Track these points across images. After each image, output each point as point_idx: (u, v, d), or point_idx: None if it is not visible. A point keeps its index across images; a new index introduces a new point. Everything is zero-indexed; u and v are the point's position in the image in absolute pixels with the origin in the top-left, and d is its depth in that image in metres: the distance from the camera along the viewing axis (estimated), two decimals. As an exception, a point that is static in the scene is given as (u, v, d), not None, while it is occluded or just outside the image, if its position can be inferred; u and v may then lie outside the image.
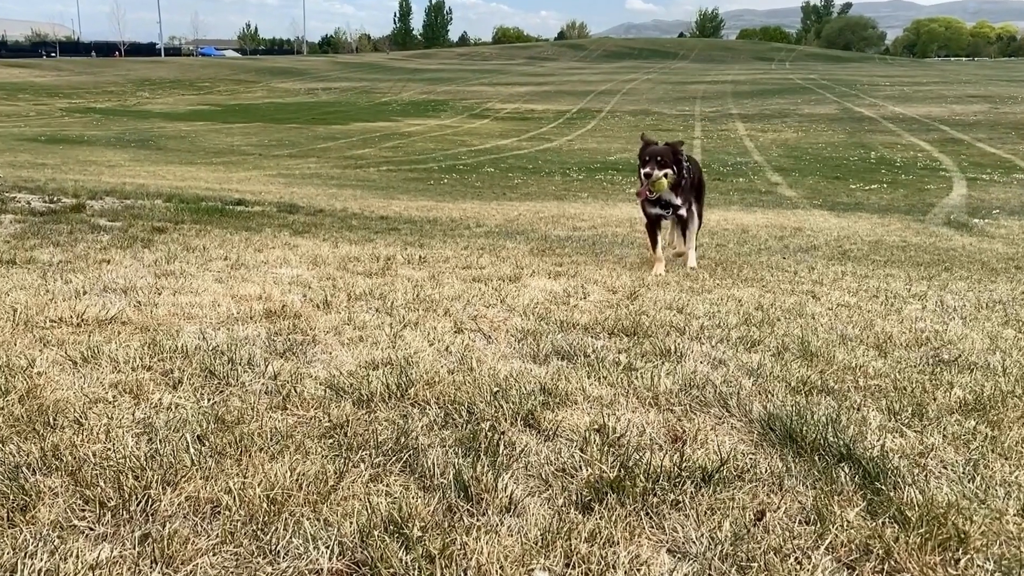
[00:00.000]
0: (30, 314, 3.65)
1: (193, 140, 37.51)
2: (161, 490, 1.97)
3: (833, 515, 2.04)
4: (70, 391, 2.67)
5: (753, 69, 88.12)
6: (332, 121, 47.52)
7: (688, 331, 3.98)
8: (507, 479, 2.11)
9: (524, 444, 2.37)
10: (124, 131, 39.86)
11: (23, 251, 5.58)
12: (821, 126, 42.56)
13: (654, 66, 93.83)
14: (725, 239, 10.32)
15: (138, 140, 36.16)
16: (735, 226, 12.89)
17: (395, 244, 7.38)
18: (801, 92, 58.78)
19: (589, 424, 2.54)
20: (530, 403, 2.68)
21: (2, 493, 1.89)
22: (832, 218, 16.41)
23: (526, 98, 59.76)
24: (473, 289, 4.90)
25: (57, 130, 39.57)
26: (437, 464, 2.18)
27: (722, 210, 17.44)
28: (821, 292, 5.58)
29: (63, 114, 49.53)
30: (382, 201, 15.78)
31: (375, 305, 4.30)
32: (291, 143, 37.35)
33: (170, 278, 4.77)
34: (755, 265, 7.23)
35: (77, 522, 1.82)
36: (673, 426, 2.61)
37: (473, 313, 4.23)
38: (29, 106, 53.98)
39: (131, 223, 7.68)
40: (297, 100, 62.90)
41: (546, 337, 3.75)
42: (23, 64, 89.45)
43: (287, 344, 3.39)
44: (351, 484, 2.08)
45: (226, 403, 2.66)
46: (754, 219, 15.15)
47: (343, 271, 5.45)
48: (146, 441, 2.28)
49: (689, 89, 63.93)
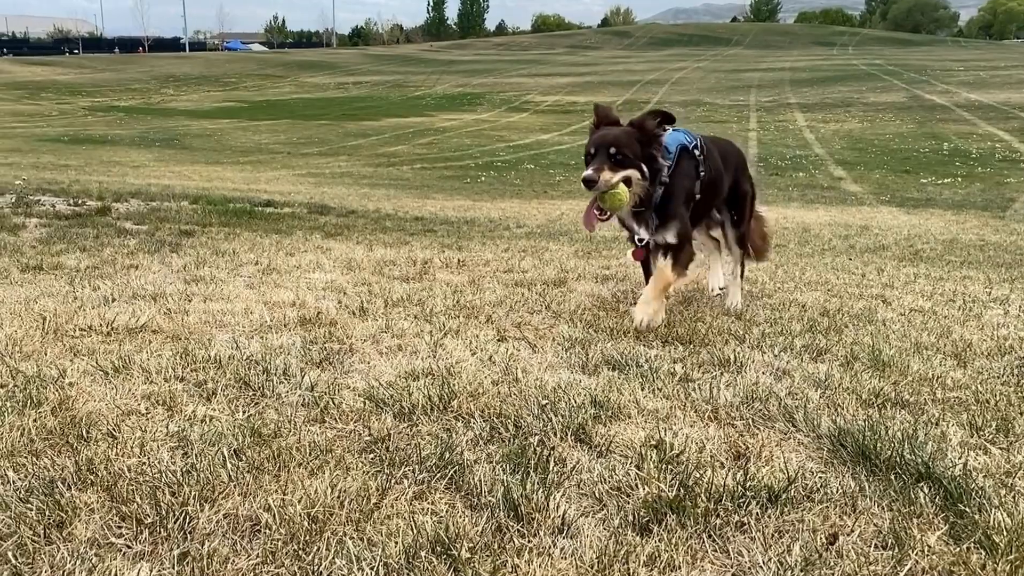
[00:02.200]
0: (59, 322, 3.75)
1: (219, 139, 38.22)
2: (199, 507, 2.01)
3: (912, 539, 2.01)
4: (102, 403, 2.75)
5: (813, 55, 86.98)
6: (363, 117, 48.03)
7: (748, 339, 3.95)
8: (559, 498, 2.12)
9: (575, 460, 2.38)
10: (148, 130, 40.77)
11: (50, 256, 5.74)
12: (888, 115, 41.84)
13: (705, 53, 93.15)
14: (785, 239, 10.21)
15: (163, 139, 36.95)
16: (796, 224, 12.75)
17: (432, 247, 7.43)
18: (866, 79, 57.87)
19: (645, 439, 2.53)
20: (581, 417, 2.68)
21: (38, 509, 1.95)
22: (902, 215, 16.14)
23: (568, 90, 59.76)
24: (516, 294, 4.92)
25: (80, 130, 40.62)
26: (484, 481, 2.19)
27: (781, 207, 17.25)
28: (892, 296, 5.49)
29: (86, 113, 50.81)
30: (416, 201, 15.91)
31: (413, 312, 4.34)
32: (320, 141, 37.85)
33: (200, 284, 4.87)
34: (819, 267, 7.14)
35: (114, 539, 1.87)
36: (735, 442, 2.59)
37: (517, 320, 4.24)
38: (52, 105, 55.48)
39: (158, 226, 7.85)
40: (326, 95, 63.72)
41: (595, 346, 3.75)
42: (46, 62, 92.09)
43: (323, 353, 3.44)
44: (394, 501, 2.10)
45: (262, 416, 2.70)
46: (816, 217, 14.96)
47: (378, 276, 5.50)
48: (181, 455, 2.34)
49: (743, 77, 63.34)
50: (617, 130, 4.07)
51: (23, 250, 6.02)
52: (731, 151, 4.87)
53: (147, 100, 60.66)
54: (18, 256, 5.71)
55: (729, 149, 4.87)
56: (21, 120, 45.60)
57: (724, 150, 4.74)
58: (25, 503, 1.99)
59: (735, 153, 4.95)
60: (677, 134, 4.24)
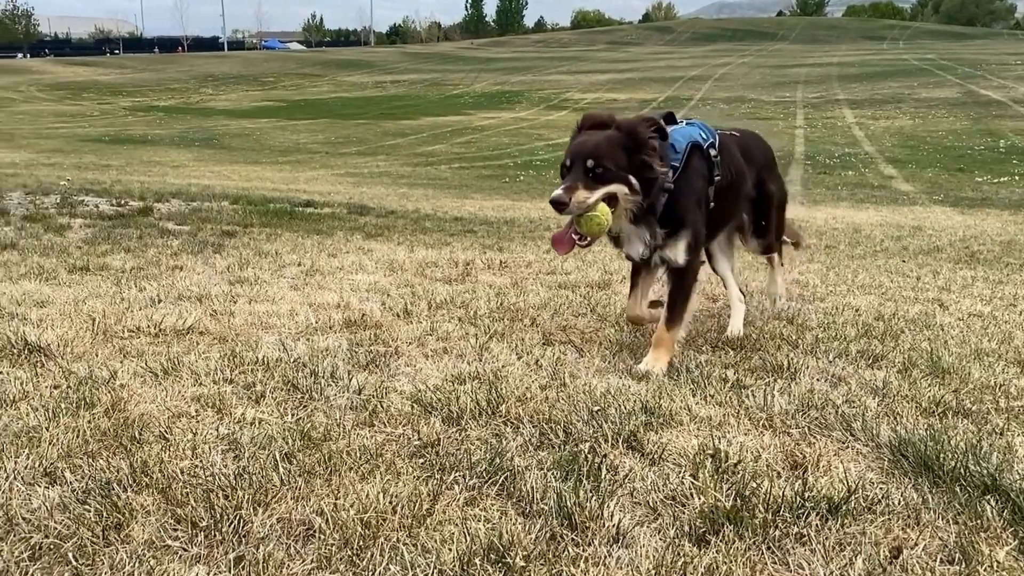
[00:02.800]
0: (108, 323, 3.84)
1: (258, 138, 38.75)
2: (252, 510, 2.05)
3: (980, 554, 1.97)
4: (153, 405, 2.80)
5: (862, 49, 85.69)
6: (401, 116, 48.37)
7: (801, 344, 3.91)
8: (612, 506, 2.12)
9: (628, 468, 2.37)
10: (187, 130, 41.48)
11: (95, 257, 5.87)
12: (941, 112, 41.07)
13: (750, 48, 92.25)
14: (835, 239, 10.07)
15: (202, 139, 37.56)
16: (845, 225, 12.57)
17: (473, 247, 7.46)
18: (917, 74, 56.87)
19: (699, 447, 2.52)
20: (632, 423, 2.67)
21: (96, 510, 2.00)
22: (956, 215, 15.82)
23: (608, 86, 59.57)
24: (560, 297, 4.92)
25: (121, 130, 41.47)
26: (536, 488, 2.20)
27: (830, 207, 17.04)
28: (949, 300, 5.39)
29: (126, 113, 51.85)
30: (455, 201, 15.97)
31: (457, 314, 4.36)
32: (359, 140, 38.19)
33: (244, 285, 4.94)
34: (871, 269, 7.04)
35: (171, 542, 1.91)
36: (791, 451, 2.57)
37: (562, 323, 4.25)
38: (93, 105, 56.71)
39: (200, 227, 7.99)
40: (364, 94, 64.28)
41: (643, 350, 3.73)
42: (87, 62, 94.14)
43: (369, 356, 3.48)
44: (446, 507, 2.12)
45: (311, 419, 2.74)
46: (866, 217, 14.74)
47: (421, 277, 5.54)
48: (232, 458, 2.38)
49: (789, 73, 62.62)
50: (598, 136, 3.38)
51: (69, 251, 6.17)
52: (755, 146, 4.29)
53: (186, 100, 61.72)
54: (65, 257, 5.85)
55: (753, 144, 4.28)
56: (63, 120, 46.69)
57: (746, 145, 4.17)
58: (83, 504, 2.04)
59: (760, 148, 4.34)
60: (689, 129, 3.71)
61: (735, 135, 4.17)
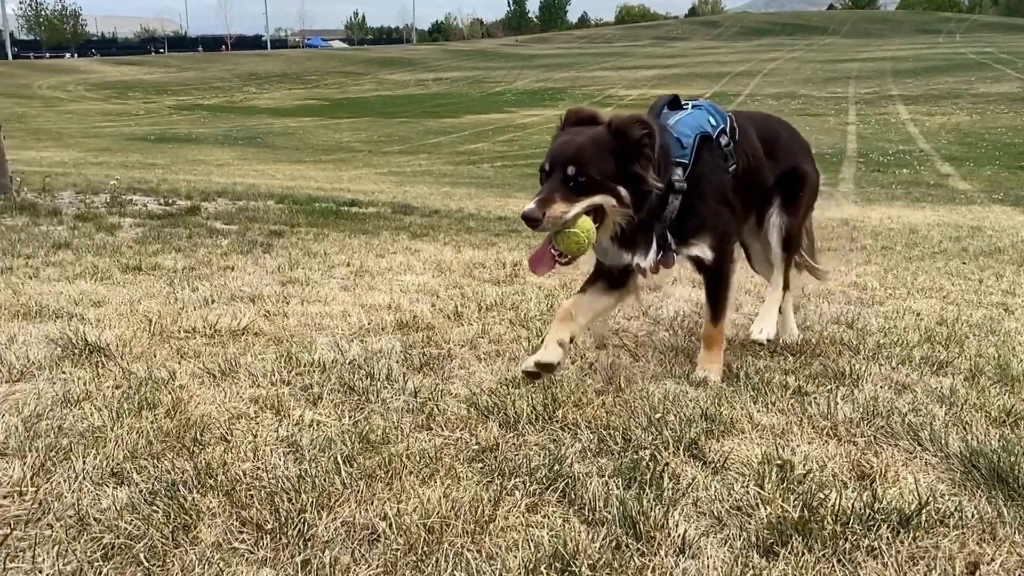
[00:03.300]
0: (164, 324, 3.92)
1: (301, 137, 39.23)
2: (316, 514, 2.08)
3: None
4: (212, 406, 2.86)
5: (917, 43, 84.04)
6: (443, 114, 48.60)
7: (863, 350, 3.85)
8: (677, 516, 2.11)
9: (691, 477, 2.37)
10: (231, 128, 42.13)
11: (147, 257, 6.00)
12: (1000, 107, 40.12)
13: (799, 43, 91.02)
14: (892, 240, 9.91)
15: (245, 138, 38.13)
16: (901, 225, 12.36)
17: (519, 248, 7.47)
18: (975, 68, 55.61)
19: (762, 456, 2.50)
20: (693, 431, 2.66)
21: (164, 512, 2.05)
22: (1017, 215, 15.47)
23: (653, 82, 59.20)
24: (611, 299, 4.91)
25: (166, 128, 42.26)
26: (598, 496, 2.20)
27: (884, 206, 16.77)
28: (1015, 304, 5.27)
29: (171, 112, 52.83)
30: (498, 200, 16.01)
31: (508, 316, 4.38)
32: (401, 139, 38.46)
33: (296, 286, 5.02)
34: (931, 271, 6.91)
35: (237, 544, 1.95)
36: (857, 461, 2.54)
37: (614, 326, 4.24)
38: (139, 104, 57.90)
39: (247, 226, 8.13)
40: (407, 92, 64.71)
41: (696, 355, 3.71)
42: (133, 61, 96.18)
43: (423, 358, 3.51)
44: (508, 513, 2.13)
45: (368, 421, 2.77)
46: (923, 216, 14.48)
47: (469, 278, 5.57)
48: (293, 461, 2.42)
49: (841, 68, 61.66)
50: (582, 138, 3.00)
51: (121, 250, 6.32)
52: (778, 130, 3.91)
53: (230, 98, 62.70)
54: (118, 256, 5.99)
55: (776, 128, 3.92)
56: (110, 119, 47.73)
57: (766, 129, 3.79)
58: (151, 505, 2.09)
59: (785, 133, 3.94)
60: (696, 116, 3.36)
61: (758, 118, 3.87)
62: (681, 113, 3.39)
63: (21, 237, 6.80)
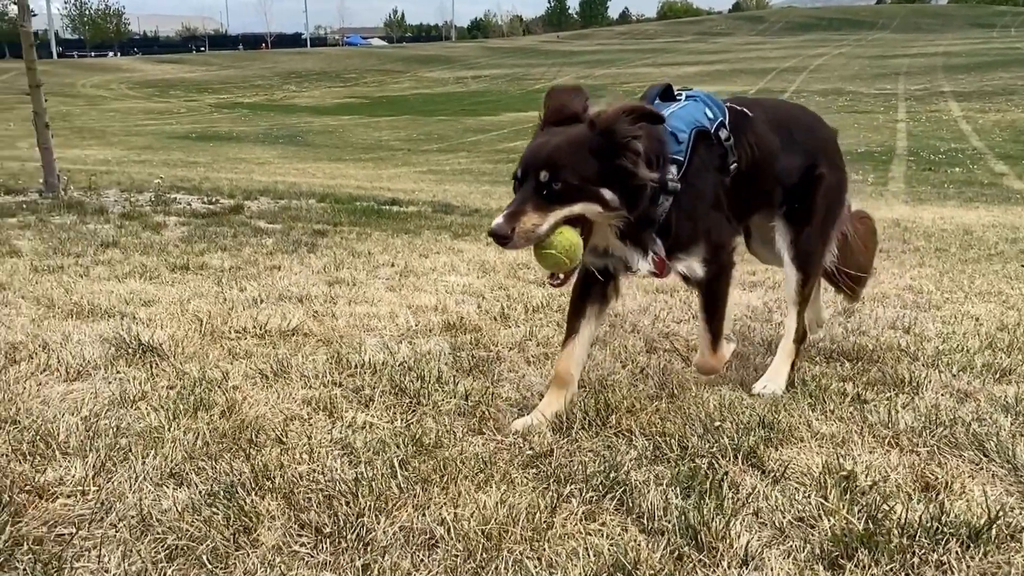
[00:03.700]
0: (215, 324, 3.99)
1: (340, 135, 39.57)
2: (374, 518, 2.10)
3: None
4: (266, 407, 2.90)
5: (969, 38, 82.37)
6: (482, 112, 48.68)
7: (921, 356, 3.79)
8: (739, 526, 2.10)
9: (751, 486, 2.35)
10: (271, 127, 42.62)
11: (194, 256, 6.10)
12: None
13: (847, 38, 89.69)
14: (945, 242, 9.71)
15: (285, 136, 38.55)
16: (955, 226, 12.11)
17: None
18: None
19: (823, 465, 2.47)
20: (751, 439, 2.64)
21: (224, 514, 2.08)
22: (1077, 216, 15.07)
23: (696, 79, 58.71)
24: (658, 301, 4.89)
25: (207, 127, 42.88)
26: (657, 505, 2.19)
27: (936, 206, 16.45)
28: (1080, 310, 5.14)
29: (212, 110, 53.61)
30: (540, 199, 15.98)
31: (555, 319, 4.38)
32: (440, 137, 38.61)
33: (342, 286, 5.07)
34: (988, 275, 6.77)
35: (297, 548, 1.98)
36: (921, 472, 2.50)
37: (663, 330, 4.22)
38: (180, 103, 58.84)
39: (291, 225, 8.22)
40: (446, 90, 64.96)
41: (752, 360, 3.68)
42: (174, 60, 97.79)
43: (472, 361, 3.52)
44: (565, 521, 2.14)
45: (421, 424, 2.80)
46: (977, 217, 14.18)
47: (514, 279, 5.57)
48: (348, 463, 2.44)
49: (890, 64, 60.65)
50: (559, 138, 2.67)
51: (168, 249, 6.43)
52: (799, 121, 3.48)
53: (270, 97, 63.46)
54: (165, 256, 6.09)
55: (795, 118, 3.49)
56: (152, 117, 48.57)
57: (783, 120, 3.39)
58: (211, 507, 2.12)
59: (806, 124, 3.50)
60: (692, 108, 3.02)
61: (770, 106, 3.48)
62: (675, 105, 3.05)
63: (70, 236, 6.94)
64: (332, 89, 68.68)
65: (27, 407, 2.84)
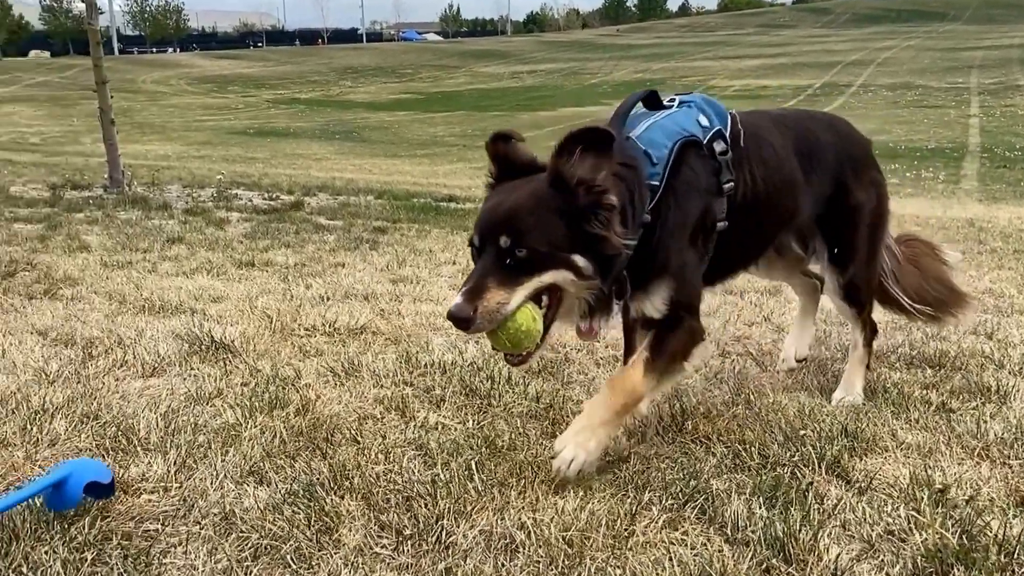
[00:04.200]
0: (284, 321, 4.05)
1: (396, 131, 39.91)
2: (454, 521, 2.12)
3: None
4: (339, 405, 2.95)
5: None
6: (537, 107, 48.68)
7: (1007, 364, 3.68)
8: (827, 539, 2.06)
9: (836, 498, 2.31)
10: (328, 122, 43.18)
11: (259, 252, 6.21)
12: None
13: (917, 30, 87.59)
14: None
15: (342, 132, 39.01)
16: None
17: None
18: (1115, 55, 52.45)
19: (910, 477, 2.42)
20: (834, 448, 2.59)
21: (305, 514, 2.12)
22: None
23: (758, 73, 57.97)
24: (728, 303, 4.83)
25: (264, 122, 43.61)
26: (740, 514, 2.17)
27: (1012, 205, 15.98)
28: None
29: (269, 106, 54.51)
30: (599, 196, 15.93)
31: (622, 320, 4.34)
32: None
33: (406, 284, 5.11)
34: (1073, 278, 6.55)
35: (379, 549, 2.01)
36: (1015, 485, 2.43)
37: (736, 333, 4.17)
38: (238, 98, 59.96)
39: (351, 222, 8.31)
40: (501, 85, 65.10)
41: (831, 365, 3.62)
42: (232, 55, 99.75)
43: (541, 362, 3.52)
44: (646, 529, 2.12)
45: (493, 426, 2.81)
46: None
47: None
48: (424, 465, 2.47)
49: (962, 56, 59.07)
50: (518, 195, 2.29)
51: (233, 245, 6.56)
52: (822, 133, 3.01)
53: (326, 92, 64.30)
54: (230, 252, 6.22)
55: (818, 130, 3.02)
56: (211, 113, 49.57)
57: (803, 133, 2.94)
58: (292, 506, 2.16)
59: (834, 137, 3.04)
60: (678, 117, 2.61)
61: (788, 116, 3.04)
62: (659, 115, 2.62)
63: (136, 231, 7.13)
64: (387, 85, 69.34)
65: (107, 402, 2.93)
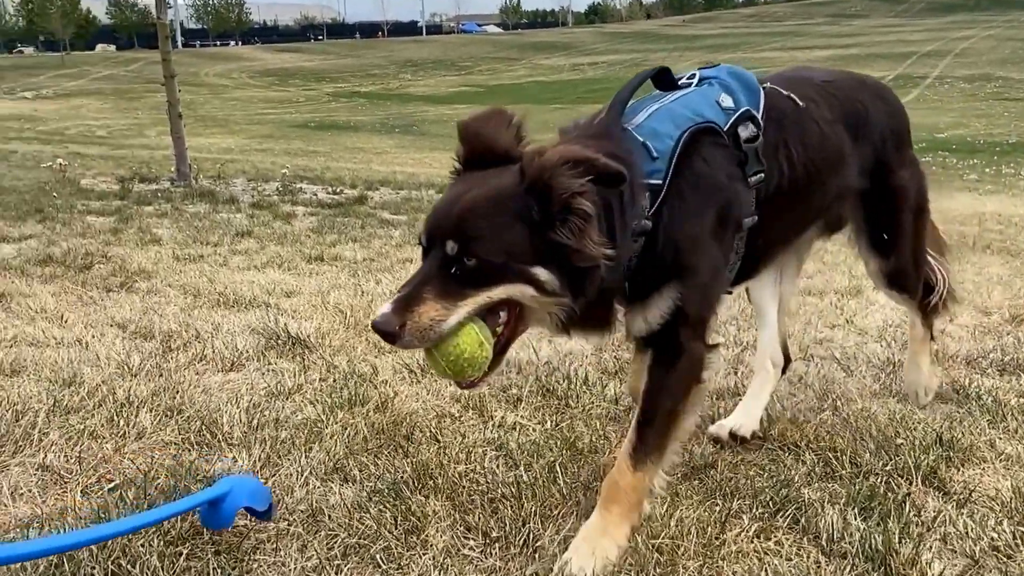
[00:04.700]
0: (357, 317, 4.10)
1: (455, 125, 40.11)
2: (540, 524, 2.12)
3: None
4: (417, 403, 2.98)
5: None
6: (600, 100, 47.77)
7: (1107, 372, 3.55)
8: (928, 553, 2.02)
9: (935, 510, 2.25)
10: (388, 116, 43.63)
11: (327, 247, 6.29)
12: None
13: (997, 19, 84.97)
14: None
15: (401, 125, 39.38)
16: None
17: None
18: None
19: (1012, 489, 2.35)
20: (930, 458, 2.53)
21: (391, 513, 2.14)
22: None
23: (828, 64, 56.82)
24: (807, 304, 4.75)
25: (325, 116, 44.23)
26: (835, 525, 2.13)
27: (1102, 204, 15.41)
28: None
29: (329, 99, 55.30)
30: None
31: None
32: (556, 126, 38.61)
33: (475, 281, 5.12)
34: None
35: (466, 551, 2.02)
36: None
37: (817, 336, 4.09)
38: (299, 92, 60.94)
39: (415, 217, 8.38)
40: (561, 77, 65.03)
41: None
42: (292, 48, 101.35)
43: (617, 363, 3.51)
44: (737, 538, 2.10)
45: (572, 427, 2.80)
46: None
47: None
48: (506, 465, 2.47)
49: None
50: (478, 192, 1.93)
51: (301, 239, 6.66)
52: (871, 103, 2.65)
53: (386, 85, 65.00)
54: (299, 246, 6.31)
55: (867, 100, 2.65)
56: (272, 106, 50.46)
57: (851, 103, 2.57)
58: (378, 505, 2.19)
59: (884, 108, 2.70)
60: (692, 100, 2.24)
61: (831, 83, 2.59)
62: (669, 98, 2.27)
63: (205, 224, 7.28)
64: (447, 77, 69.79)
65: (189, 396, 2.99)
